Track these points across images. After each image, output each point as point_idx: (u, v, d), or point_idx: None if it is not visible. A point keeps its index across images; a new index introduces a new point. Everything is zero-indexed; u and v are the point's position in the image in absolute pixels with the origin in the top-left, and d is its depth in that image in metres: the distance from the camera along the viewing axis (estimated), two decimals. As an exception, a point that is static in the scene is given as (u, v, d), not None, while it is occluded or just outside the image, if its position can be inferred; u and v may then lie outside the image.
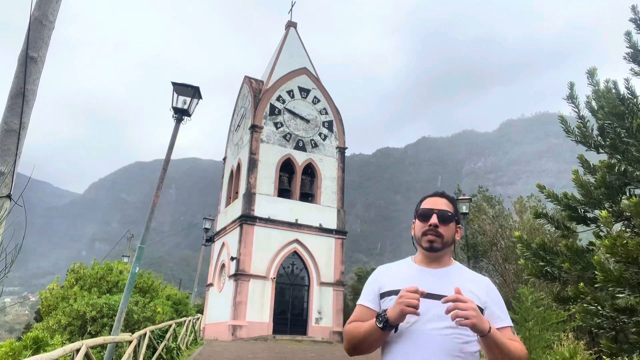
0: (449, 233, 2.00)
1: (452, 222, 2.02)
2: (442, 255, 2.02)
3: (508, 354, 1.79)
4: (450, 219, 2.01)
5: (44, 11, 3.79)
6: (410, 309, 1.74)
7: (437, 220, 1.98)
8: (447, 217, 2.00)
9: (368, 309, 2.00)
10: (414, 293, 1.76)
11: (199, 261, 30.29)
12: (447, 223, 2.00)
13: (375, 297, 2.02)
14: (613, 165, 4.27)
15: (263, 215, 25.44)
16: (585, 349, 8.69)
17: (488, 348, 1.80)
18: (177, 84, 9.05)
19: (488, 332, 1.74)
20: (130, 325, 11.06)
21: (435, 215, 1.99)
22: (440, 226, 1.98)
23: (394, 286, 1.95)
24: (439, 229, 1.98)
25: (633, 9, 4.51)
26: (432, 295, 1.86)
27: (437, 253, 2.00)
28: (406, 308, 1.74)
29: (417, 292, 1.76)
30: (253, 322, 23.38)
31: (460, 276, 1.99)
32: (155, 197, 8.93)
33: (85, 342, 4.91)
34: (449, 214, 2.02)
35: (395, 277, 2.02)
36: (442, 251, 2.00)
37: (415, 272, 2.01)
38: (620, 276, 3.43)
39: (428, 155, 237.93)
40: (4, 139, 3.45)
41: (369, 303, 2.02)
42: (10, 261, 3.14)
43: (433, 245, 1.98)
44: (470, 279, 2.00)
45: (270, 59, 32.44)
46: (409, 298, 1.75)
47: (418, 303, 1.75)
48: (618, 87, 4.61)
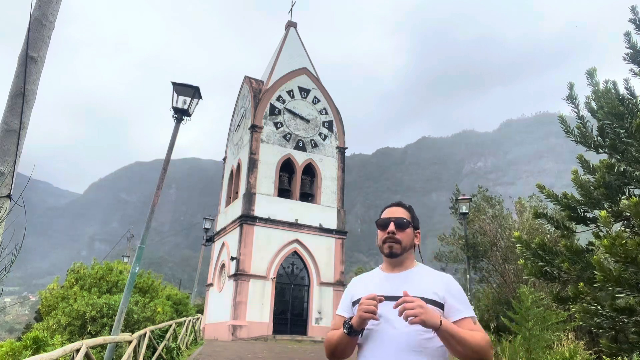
0: (406, 238, 2.17)
1: (409, 227, 2.19)
2: (403, 259, 2.18)
3: (466, 343, 1.89)
4: (406, 225, 2.18)
5: (44, 11, 3.79)
6: (368, 315, 1.91)
7: (394, 228, 2.16)
8: (403, 224, 2.18)
9: (342, 317, 2.17)
10: (371, 300, 1.93)
11: (199, 261, 30.31)
12: (404, 229, 2.17)
13: (348, 306, 2.22)
14: (612, 165, 4.27)
15: (263, 215, 25.44)
16: (585, 349, 8.70)
17: (445, 341, 1.91)
18: (177, 84, 9.05)
19: (439, 325, 1.86)
20: (130, 325, 11.06)
21: (393, 223, 2.17)
22: (398, 232, 2.16)
23: (362, 293, 2.09)
24: (397, 235, 2.15)
25: (632, 10, 4.51)
26: (394, 298, 1.99)
27: (397, 258, 2.17)
28: (364, 314, 1.91)
29: (374, 298, 1.93)
30: (253, 322, 23.38)
31: (420, 276, 2.15)
32: (155, 197, 8.93)
33: (85, 342, 4.91)
34: (404, 221, 2.19)
35: (364, 285, 2.21)
36: (402, 256, 2.17)
37: (380, 278, 2.19)
38: (620, 276, 3.43)
39: (428, 155, 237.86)
40: (4, 139, 3.45)
41: (344, 312, 2.21)
42: (10, 261, 3.14)
43: (392, 251, 2.15)
44: (430, 277, 2.15)
45: (270, 59, 32.45)
46: (367, 305, 1.92)
47: (375, 309, 1.91)
48: (617, 87, 4.62)
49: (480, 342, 1.93)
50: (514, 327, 8.14)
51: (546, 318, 7.95)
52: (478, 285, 18.27)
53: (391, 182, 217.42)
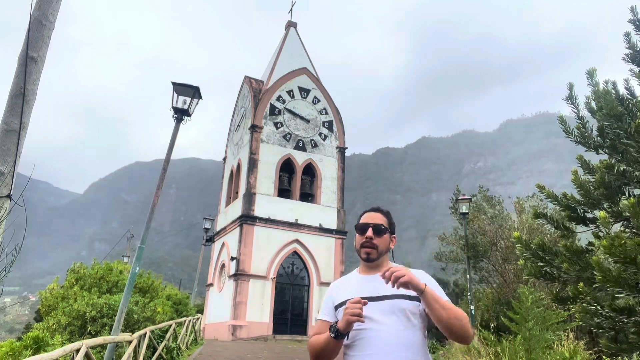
0: (383, 244, 2.28)
1: (386, 233, 2.30)
2: (379, 263, 2.28)
3: (449, 308, 2.03)
4: (383, 231, 2.28)
5: (44, 11, 3.79)
6: (355, 318, 1.98)
7: (372, 233, 2.25)
8: (380, 230, 2.27)
9: (325, 322, 2.25)
10: (357, 303, 2.01)
11: (199, 261, 30.32)
12: (381, 235, 2.28)
13: (330, 310, 2.29)
14: (612, 165, 4.27)
15: (263, 215, 25.45)
16: (585, 349, 8.69)
17: (429, 306, 2.03)
18: (177, 84, 9.06)
19: (424, 287, 2.00)
20: (130, 325, 11.06)
21: (371, 229, 2.26)
22: (375, 238, 2.26)
23: (344, 297, 2.20)
24: (374, 240, 2.25)
25: (632, 10, 4.51)
26: (375, 298, 2.13)
27: (374, 262, 2.26)
28: (351, 317, 1.99)
29: (359, 302, 2.01)
30: (253, 322, 23.39)
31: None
32: (155, 197, 8.94)
33: (85, 342, 4.91)
34: (382, 227, 2.28)
35: (344, 289, 2.28)
36: (378, 260, 2.27)
37: (359, 281, 2.28)
38: (619, 276, 3.43)
39: (428, 155, 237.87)
40: (4, 139, 3.45)
41: (326, 316, 2.29)
42: (10, 261, 3.15)
43: (369, 256, 2.25)
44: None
45: (270, 59, 32.45)
46: (353, 308, 1.99)
47: (361, 312, 1.99)
48: (617, 87, 4.62)
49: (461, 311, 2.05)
50: (514, 327, 8.14)
51: (546, 318, 7.95)
52: (478, 285, 18.27)
53: (391, 182, 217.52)
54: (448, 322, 2.01)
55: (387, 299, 2.14)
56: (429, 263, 32.01)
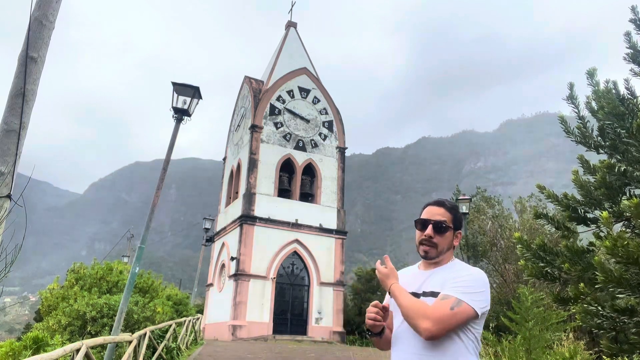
0: (444, 242, 2.11)
1: (449, 231, 2.13)
2: (438, 260, 2.14)
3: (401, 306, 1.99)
4: (445, 229, 2.11)
5: (44, 11, 3.79)
6: (370, 322, 2.04)
7: (432, 232, 2.10)
8: (442, 228, 2.10)
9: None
10: (373, 307, 2.06)
11: (199, 261, 30.31)
12: (443, 233, 2.11)
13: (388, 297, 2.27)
14: (613, 165, 4.27)
15: (263, 215, 25.44)
16: (585, 349, 8.69)
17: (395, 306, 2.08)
18: (177, 84, 9.05)
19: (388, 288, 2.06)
20: (130, 325, 11.06)
21: (431, 227, 2.10)
22: (435, 237, 2.10)
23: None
24: (434, 239, 2.10)
25: (633, 10, 4.51)
26: (416, 294, 2.08)
27: (432, 260, 2.15)
28: (368, 321, 2.05)
29: (376, 306, 2.06)
30: (253, 322, 23.38)
31: (447, 271, 2.09)
32: (155, 197, 8.93)
33: (85, 342, 4.91)
34: (443, 225, 2.10)
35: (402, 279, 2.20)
36: (438, 258, 2.13)
37: (413, 275, 2.21)
38: (621, 277, 3.43)
39: (428, 155, 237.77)
40: (4, 139, 3.45)
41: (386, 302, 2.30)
42: (10, 261, 3.14)
43: (427, 255, 2.13)
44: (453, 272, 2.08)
45: (270, 59, 32.44)
46: (369, 312, 2.05)
47: (376, 315, 2.05)
48: (618, 87, 4.61)
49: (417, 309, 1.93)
50: (514, 327, 8.14)
51: (546, 318, 7.95)
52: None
53: (391, 182, 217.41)
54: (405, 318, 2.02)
55: (424, 295, 2.06)
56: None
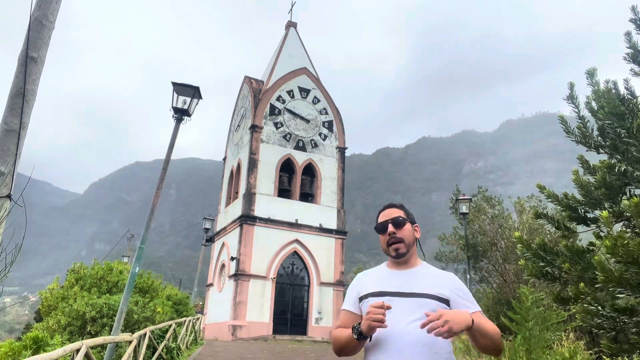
0: (408, 235, 2.21)
1: (407, 224, 2.24)
2: (409, 257, 2.21)
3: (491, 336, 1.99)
4: (403, 222, 2.22)
5: (44, 11, 3.78)
6: (377, 324, 1.93)
7: (393, 228, 2.20)
8: (400, 222, 2.22)
9: (350, 312, 2.23)
10: (379, 308, 1.94)
11: (199, 261, 30.27)
12: (402, 226, 2.21)
13: (355, 301, 2.24)
14: (613, 165, 4.26)
15: (263, 215, 25.43)
16: (585, 349, 8.69)
17: (473, 337, 1.98)
18: (177, 84, 9.04)
19: (472, 325, 1.92)
20: (130, 325, 11.05)
21: (390, 224, 2.21)
22: (397, 231, 2.20)
23: (370, 289, 2.17)
24: (397, 234, 2.19)
25: (633, 9, 4.50)
26: (402, 294, 2.09)
27: (404, 257, 2.20)
28: (373, 323, 1.93)
29: (382, 307, 1.95)
30: (253, 322, 23.38)
31: (425, 274, 2.19)
32: (155, 197, 8.93)
33: (85, 342, 4.90)
34: (400, 219, 2.23)
35: (370, 281, 2.23)
36: (409, 254, 2.21)
37: (386, 275, 2.22)
38: (621, 276, 3.43)
39: (428, 155, 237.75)
40: (4, 139, 3.45)
41: (351, 307, 2.24)
42: (10, 261, 3.14)
43: (399, 251, 2.18)
44: (435, 276, 2.20)
45: (270, 59, 32.44)
46: (376, 314, 1.93)
47: (384, 317, 1.92)
48: (618, 87, 4.61)
49: (497, 331, 2.03)
50: (514, 327, 8.13)
51: (546, 318, 7.94)
52: (478, 285, 18.25)
53: (391, 182, 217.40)
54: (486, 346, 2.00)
55: (414, 296, 2.08)
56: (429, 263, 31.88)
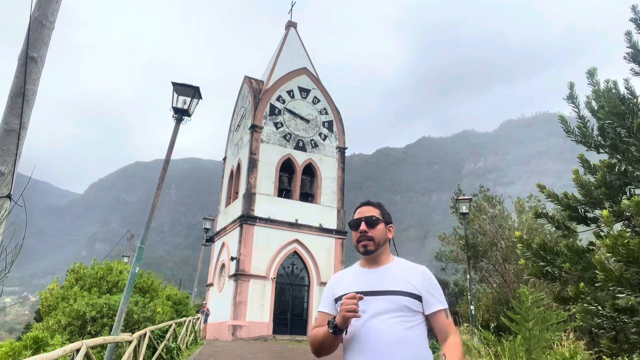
0: (379, 234, 2.23)
1: (380, 223, 2.25)
2: (378, 255, 2.24)
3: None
4: (376, 222, 2.24)
5: (44, 11, 3.78)
6: (351, 314, 1.97)
7: (365, 227, 2.22)
8: (373, 221, 2.24)
9: (326, 314, 2.24)
10: (352, 299, 1.99)
11: (199, 261, 30.29)
12: (375, 226, 2.23)
13: (331, 302, 2.27)
14: (613, 165, 4.26)
15: (263, 215, 25.44)
16: (585, 349, 8.69)
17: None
18: (177, 84, 9.04)
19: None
20: (130, 325, 11.05)
21: (363, 222, 2.23)
22: (369, 230, 2.22)
23: (343, 290, 2.18)
24: (369, 233, 2.21)
25: (633, 9, 4.51)
26: (374, 292, 2.10)
27: (373, 254, 2.22)
28: (347, 313, 1.97)
29: (354, 297, 1.99)
30: (253, 322, 23.38)
31: (397, 270, 2.21)
32: (155, 197, 8.92)
33: (85, 342, 4.90)
34: (374, 218, 2.24)
35: (344, 282, 2.26)
36: (378, 252, 2.23)
37: (359, 274, 2.25)
38: (621, 276, 3.43)
39: (428, 155, 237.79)
40: (4, 139, 3.45)
41: (326, 309, 2.27)
42: (10, 261, 3.14)
43: (367, 248, 2.21)
44: (407, 269, 2.22)
45: (270, 59, 32.44)
46: (349, 304, 1.98)
47: (357, 307, 1.97)
48: (618, 87, 4.61)
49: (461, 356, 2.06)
50: (514, 327, 8.13)
51: (546, 318, 7.94)
52: (478, 285, 18.26)
53: (391, 182, 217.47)
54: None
55: (386, 294, 2.10)
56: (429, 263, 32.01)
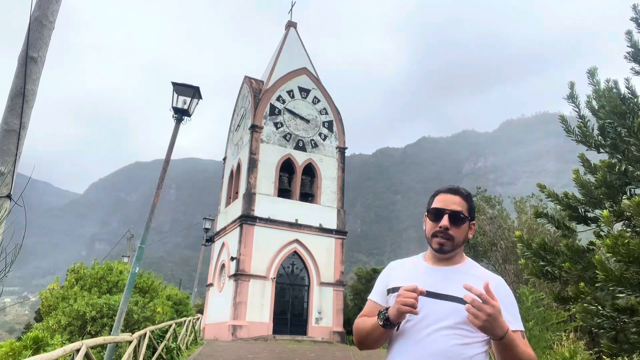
0: (460, 235, 1.89)
1: (465, 222, 1.91)
2: (452, 255, 1.93)
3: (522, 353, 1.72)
4: (462, 220, 1.89)
5: (44, 11, 3.78)
6: (407, 308, 1.69)
7: (448, 223, 1.87)
8: (459, 219, 1.88)
9: (376, 303, 1.98)
10: (412, 292, 1.70)
11: (199, 261, 30.27)
12: (459, 225, 1.89)
13: (383, 292, 1.99)
14: (614, 164, 4.26)
15: (263, 215, 25.43)
16: (585, 349, 8.69)
17: (501, 351, 1.71)
18: (177, 84, 9.04)
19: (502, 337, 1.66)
20: (130, 325, 11.05)
21: (447, 217, 1.88)
22: (452, 228, 1.87)
23: (400, 283, 1.88)
24: (450, 231, 1.87)
25: (634, 8, 4.51)
26: (435, 295, 1.80)
27: (446, 255, 1.91)
28: (403, 307, 1.69)
29: (415, 290, 1.70)
30: (253, 322, 23.37)
31: (467, 274, 1.88)
32: (155, 197, 8.93)
33: (85, 342, 4.90)
34: (461, 216, 1.89)
35: (403, 273, 1.96)
36: (453, 252, 1.92)
37: (422, 269, 1.94)
38: (621, 276, 3.43)
39: (428, 155, 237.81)
40: (4, 139, 3.44)
41: (377, 298, 2.00)
42: (10, 261, 3.14)
43: (443, 248, 1.89)
44: (479, 278, 1.84)
45: (270, 59, 32.44)
46: (406, 297, 1.69)
47: (415, 302, 1.69)
48: (619, 86, 4.61)
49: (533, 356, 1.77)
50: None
51: (546, 318, 7.95)
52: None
53: (391, 182, 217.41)
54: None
55: (448, 299, 1.79)
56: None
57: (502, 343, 1.67)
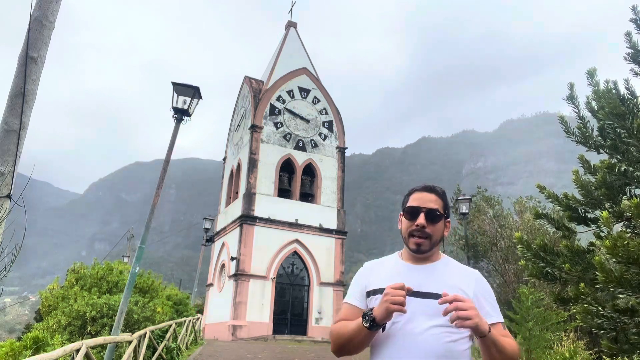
0: (437, 233, 1.88)
1: (441, 220, 1.90)
2: (430, 254, 1.92)
3: (505, 352, 1.74)
4: (438, 218, 1.88)
5: (44, 11, 3.78)
6: (396, 307, 1.65)
7: (424, 221, 1.86)
8: (435, 217, 1.87)
9: (354, 307, 1.92)
10: (399, 290, 1.67)
11: (199, 261, 30.27)
12: (435, 223, 1.88)
13: (361, 295, 1.93)
14: (613, 165, 4.26)
15: (263, 215, 25.43)
16: (585, 349, 8.69)
17: (486, 348, 1.72)
18: (177, 84, 9.04)
19: (488, 332, 1.68)
20: (130, 325, 11.05)
21: (423, 215, 1.86)
22: (428, 226, 1.86)
23: (380, 284, 1.85)
24: (427, 229, 1.86)
25: (633, 9, 4.50)
26: (418, 294, 1.77)
27: (423, 254, 1.90)
28: (392, 306, 1.65)
29: (402, 288, 1.67)
30: (253, 322, 23.37)
31: (446, 270, 1.90)
32: (155, 197, 8.92)
33: (85, 342, 4.90)
34: (437, 213, 1.88)
35: (381, 274, 1.92)
36: (430, 251, 1.91)
37: (401, 268, 1.91)
38: (621, 277, 3.43)
39: (428, 155, 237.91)
40: (4, 139, 3.45)
41: (356, 301, 1.93)
42: (10, 261, 3.14)
43: (420, 248, 1.87)
44: (458, 273, 1.90)
45: (270, 59, 32.44)
46: (395, 295, 1.65)
47: (404, 300, 1.65)
48: (618, 87, 4.61)
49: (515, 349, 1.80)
50: (514, 327, 8.14)
51: (546, 318, 7.96)
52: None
53: (391, 182, 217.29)
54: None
55: (432, 297, 1.77)
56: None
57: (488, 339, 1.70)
